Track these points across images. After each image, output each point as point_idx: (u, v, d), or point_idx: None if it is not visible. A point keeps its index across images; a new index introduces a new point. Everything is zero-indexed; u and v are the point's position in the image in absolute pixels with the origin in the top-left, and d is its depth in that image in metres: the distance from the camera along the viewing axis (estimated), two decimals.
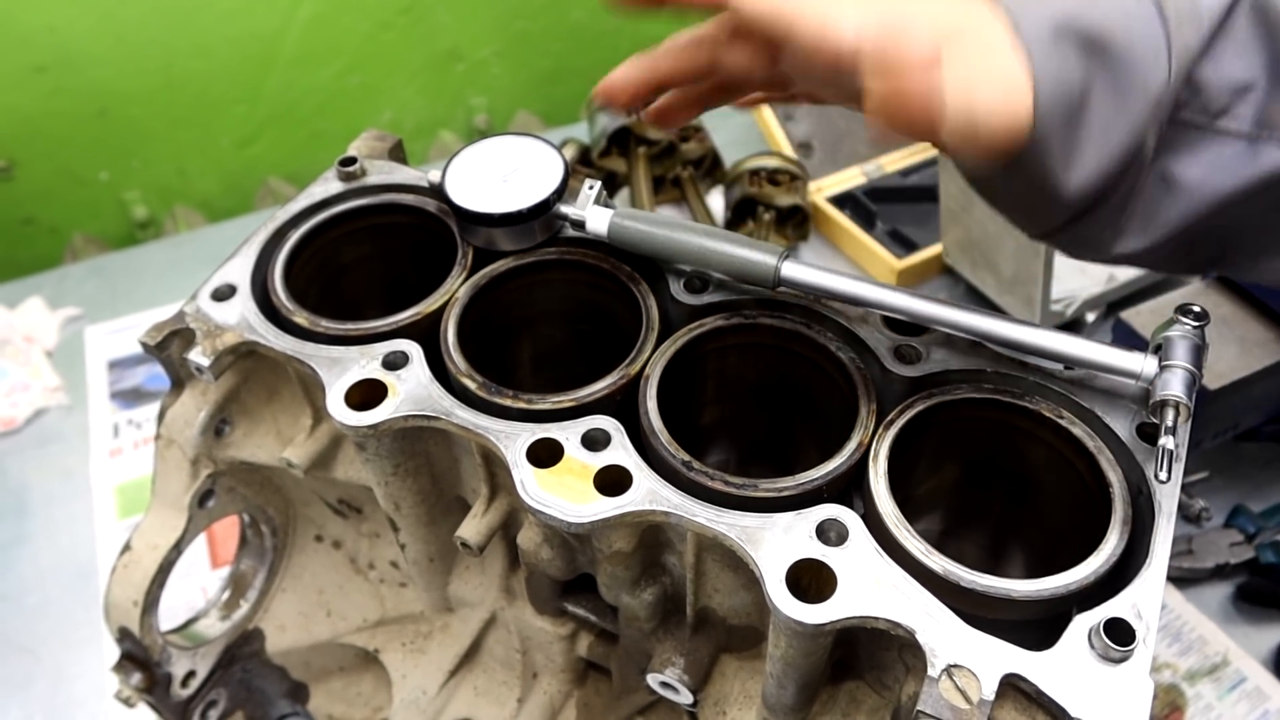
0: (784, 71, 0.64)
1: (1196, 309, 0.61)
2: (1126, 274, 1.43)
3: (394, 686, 0.87)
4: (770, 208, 1.54)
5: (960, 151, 0.58)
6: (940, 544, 0.71)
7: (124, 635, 0.80)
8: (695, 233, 0.70)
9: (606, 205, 0.73)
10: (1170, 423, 0.58)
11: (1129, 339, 1.13)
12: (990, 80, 0.55)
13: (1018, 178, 0.60)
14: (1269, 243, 0.63)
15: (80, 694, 1.10)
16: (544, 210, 0.73)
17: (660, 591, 0.68)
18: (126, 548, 0.79)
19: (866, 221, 1.60)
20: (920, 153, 1.70)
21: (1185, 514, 1.20)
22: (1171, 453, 0.57)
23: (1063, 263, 1.43)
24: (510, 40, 2.21)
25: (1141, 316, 1.14)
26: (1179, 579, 1.15)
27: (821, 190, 1.64)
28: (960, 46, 0.55)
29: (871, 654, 0.65)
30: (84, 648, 1.14)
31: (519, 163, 0.75)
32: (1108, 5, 0.56)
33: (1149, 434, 0.61)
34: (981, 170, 0.63)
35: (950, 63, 0.54)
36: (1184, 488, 1.21)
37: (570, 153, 1.60)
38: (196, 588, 1.18)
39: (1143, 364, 0.60)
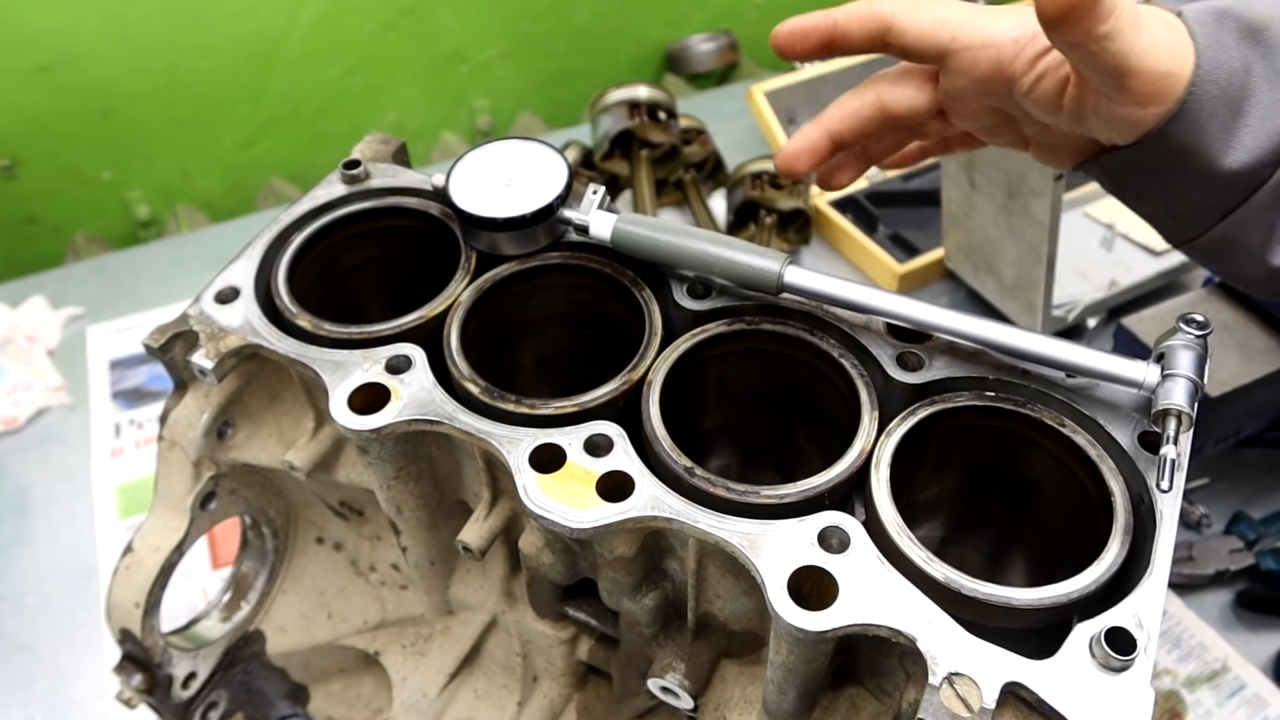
0: (946, 106, 0.69)
1: (1199, 318, 0.61)
2: (1127, 280, 1.43)
3: (394, 689, 0.87)
4: (772, 211, 1.55)
5: (1115, 100, 0.59)
6: (942, 551, 0.71)
7: (125, 637, 0.80)
8: (698, 238, 0.70)
9: (610, 210, 0.74)
10: (1172, 432, 0.58)
11: (1130, 345, 1.13)
12: (1156, 28, 0.58)
13: (1169, 158, 0.61)
14: None
15: (80, 694, 1.10)
16: (547, 215, 0.73)
17: (661, 597, 0.68)
18: (128, 549, 0.79)
19: (868, 226, 1.60)
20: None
21: (1186, 520, 1.20)
22: (1173, 462, 0.57)
23: (1064, 268, 1.44)
24: (514, 42, 2.21)
25: (1143, 323, 1.14)
26: (1179, 585, 1.15)
27: (823, 194, 1.64)
28: (1131, 6, 0.57)
29: (872, 661, 0.65)
30: (85, 647, 1.14)
31: (523, 167, 0.75)
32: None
33: (1151, 443, 0.61)
34: (1128, 154, 0.64)
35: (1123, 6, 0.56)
36: (1185, 494, 1.21)
37: (573, 155, 1.61)
38: (198, 589, 1.18)
39: (1145, 373, 0.60)
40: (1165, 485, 0.57)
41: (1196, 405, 0.59)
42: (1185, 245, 0.69)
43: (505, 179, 0.75)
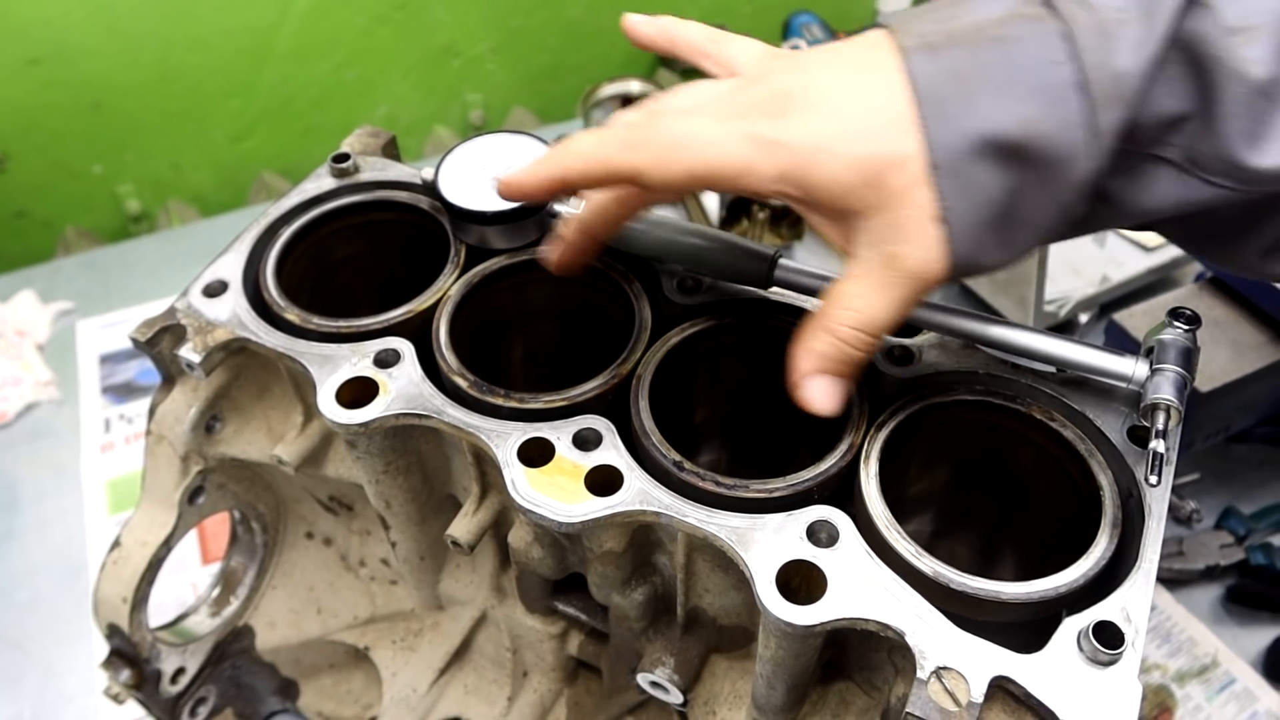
0: None
1: (1188, 312, 0.61)
2: (1119, 275, 1.43)
3: (384, 684, 0.87)
4: (764, 206, 1.54)
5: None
6: (932, 545, 0.71)
7: (113, 632, 0.80)
8: (688, 233, 0.70)
9: None
10: (1161, 426, 0.58)
11: (1122, 340, 1.13)
12: (909, 247, 0.52)
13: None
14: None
15: (70, 689, 1.10)
16: (537, 209, 0.73)
17: (651, 591, 0.68)
18: (116, 544, 0.79)
19: None
20: None
21: (1176, 515, 1.20)
22: (1162, 456, 0.57)
23: (1056, 264, 1.44)
24: (506, 36, 2.20)
25: (1134, 318, 1.14)
26: (1169, 580, 1.15)
27: None
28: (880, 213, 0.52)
29: (861, 655, 0.65)
30: (74, 643, 1.13)
31: (513, 160, 0.75)
32: (1025, 105, 0.49)
33: (1140, 437, 0.61)
34: None
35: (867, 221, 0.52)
36: (1175, 489, 1.22)
37: None
38: (187, 584, 1.18)
39: (1134, 367, 0.60)
40: (1153, 479, 0.57)
41: (1185, 399, 0.59)
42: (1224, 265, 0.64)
43: (495, 172, 0.74)
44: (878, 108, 0.51)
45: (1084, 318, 1.42)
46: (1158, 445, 0.57)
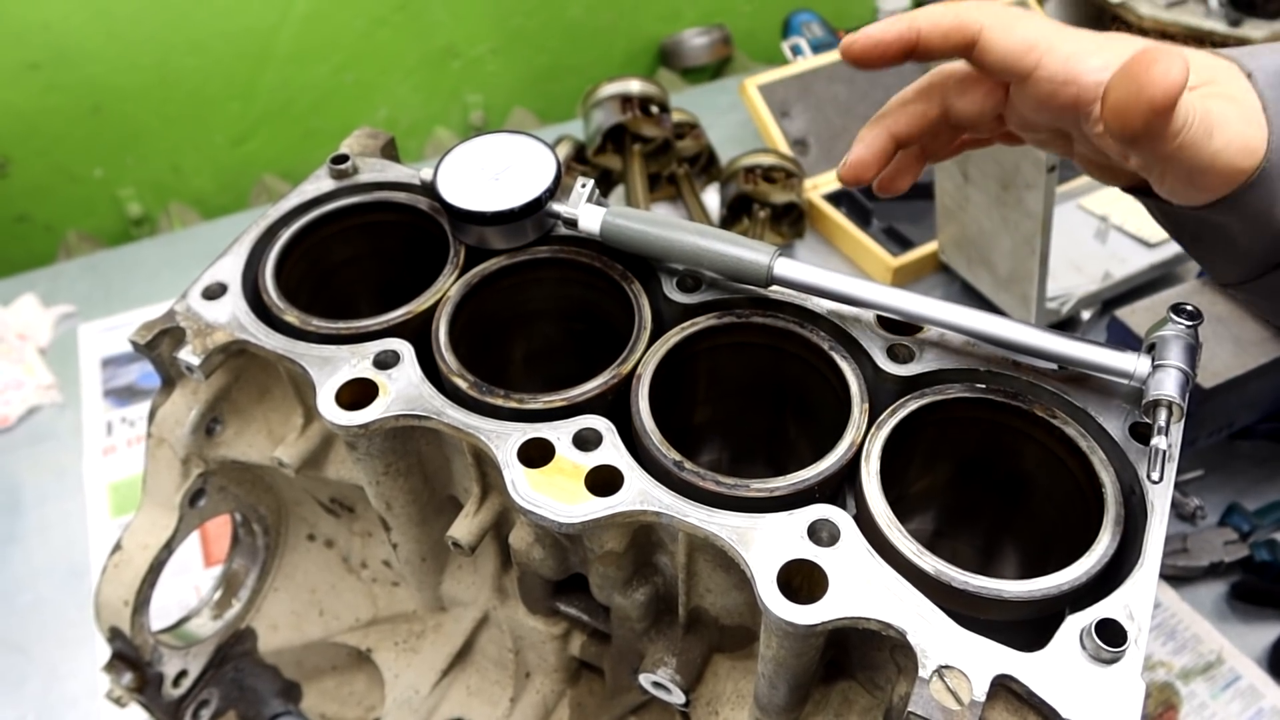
0: (1007, 112, 0.66)
1: (1190, 308, 0.61)
2: (1121, 272, 1.43)
3: (386, 686, 0.87)
4: (765, 205, 1.54)
5: (1183, 184, 0.58)
6: (933, 544, 0.71)
7: (115, 635, 0.80)
8: (688, 231, 0.69)
9: (599, 203, 0.73)
10: (1163, 423, 0.58)
11: (1124, 337, 1.13)
12: (1230, 127, 0.56)
13: (1235, 217, 0.60)
14: None
15: (73, 693, 1.10)
16: (536, 208, 0.72)
17: (652, 591, 0.67)
18: (117, 547, 0.79)
19: (862, 219, 1.60)
20: None
21: (1180, 512, 1.20)
22: (1164, 453, 0.57)
23: (1058, 261, 1.43)
24: (506, 37, 2.21)
25: (1136, 314, 1.13)
26: (1173, 577, 1.15)
27: (817, 187, 1.64)
28: (1208, 87, 0.57)
29: (864, 654, 0.65)
30: (77, 647, 1.13)
31: (511, 160, 0.75)
32: None
33: (1142, 434, 0.61)
34: (1191, 209, 0.62)
35: (1196, 94, 0.55)
36: (1178, 486, 1.21)
37: (565, 150, 1.60)
38: (190, 586, 1.18)
39: (1135, 364, 0.60)
40: (1156, 476, 0.56)
41: (1188, 395, 0.59)
42: (1235, 286, 0.69)
43: (493, 173, 0.74)
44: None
45: (1086, 314, 1.42)
46: (1159, 442, 0.57)
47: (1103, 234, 1.50)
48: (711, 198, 1.67)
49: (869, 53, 0.64)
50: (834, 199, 1.63)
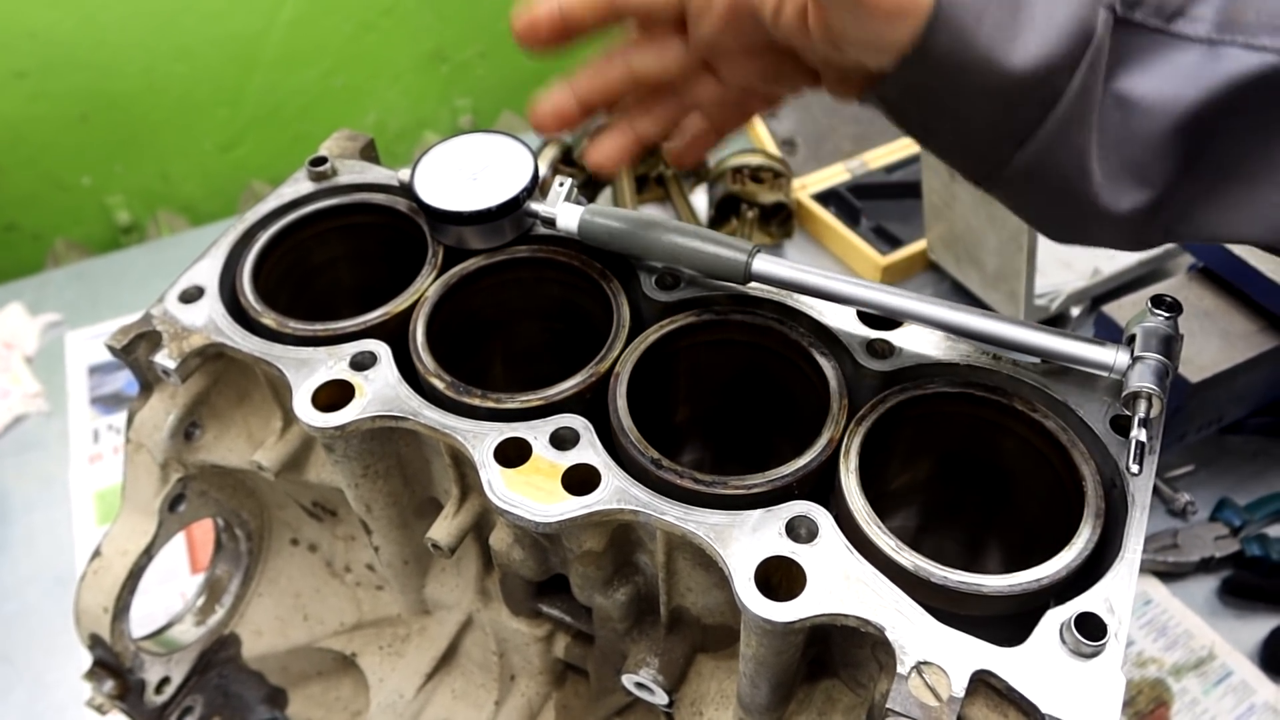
0: (711, 61, 0.65)
1: (1168, 300, 0.60)
2: (1111, 268, 1.43)
3: (371, 690, 0.86)
4: (754, 205, 1.54)
5: (853, 18, 0.52)
6: (917, 540, 0.70)
7: (95, 642, 0.79)
8: (666, 229, 0.69)
9: (577, 202, 0.73)
10: (1143, 414, 0.57)
11: (1112, 333, 1.13)
12: None
13: (941, 77, 0.53)
14: (1252, 169, 0.55)
15: (59, 701, 1.09)
16: (514, 208, 0.72)
17: (633, 591, 0.67)
18: (96, 553, 0.78)
19: (851, 218, 1.60)
20: (905, 149, 1.70)
21: (1170, 508, 1.19)
22: (1143, 445, 0.56)
23: (1046, 257, 1.43)
24: (495, 41, 2.20)
25: (1124, 310, 1.13)
26: (1165, 573, 1.15)
27: (805, 187, 1.64)
28: None
29: (846, 652, 0.64)
30: (62, 655, 1.13)
31: (489, 160, 0.75)
32: None
33: (1123, 426, 0.61)
34: (894, 71, 0.54)
35: None
36: (1169, 481, 1.21)
37: (553, 152, 1.60)
38: (176, 593, 1.17)
39: (1115, 356, 0.60)
40: (1135, 469, 0.56)
41: (1167, 386, 0.58)
42: (988, 184, 0.58)
43: (471, 172, 0.74)
44: None
45: (1075, 311, 1.41)
46: (1139, 434, 0.56)
47: None
48: (700, 199, 1.67)
49: (528, 35, 0.65)
50: (822, 199, 1.62)
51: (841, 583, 0.54)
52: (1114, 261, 1.45)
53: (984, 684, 0.52)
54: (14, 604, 1.19)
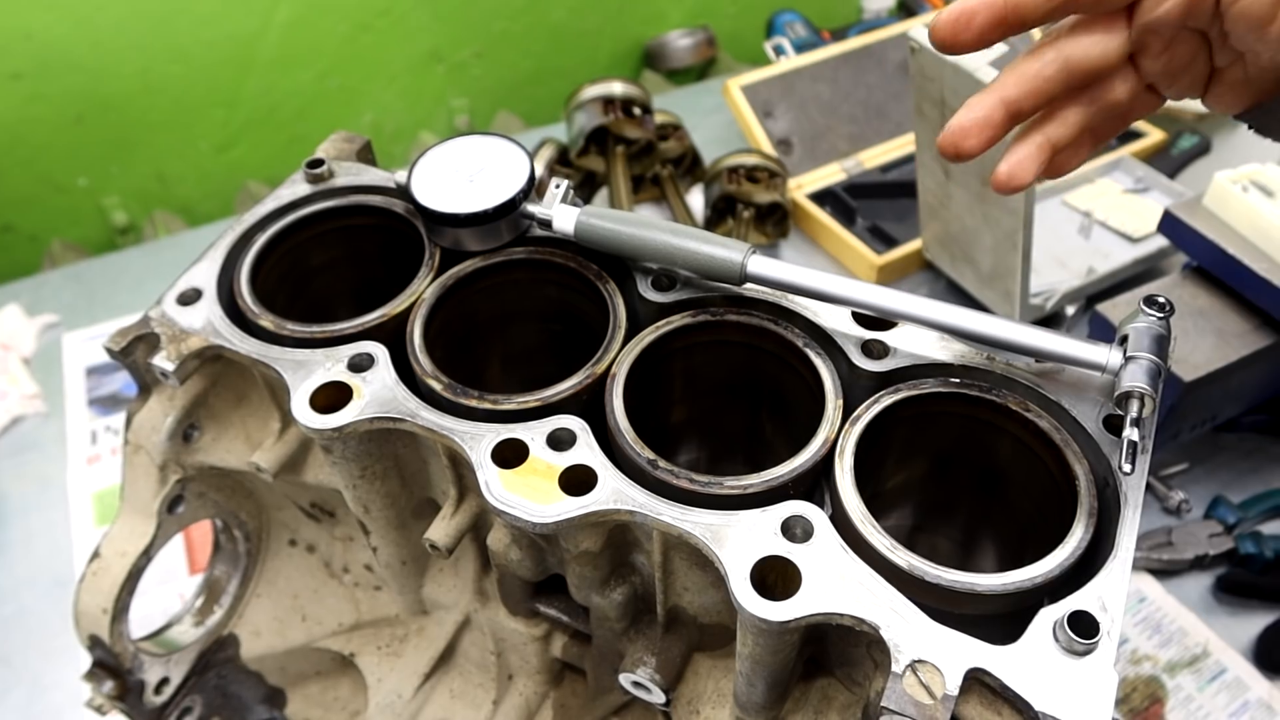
0: (1137, 47, 0.60)
1: (1161, 300, 0.61)
2: (1105, 267, 1.43)
3: (370, 690, 0.87)
4: (750, 205, 1.54)
5: None
6: (912, 540, 0.71)
7: (94, 643, 0.80)
8: (661, 230, 0.69)
9: (574, 204, 0.73)
10: (1135, 414, 0.58)
11: (1106, 332, 1.13)
12: None
13: None
14: None
15: (57, 703, 1.10)
16: (510, 210, 0.72)
17: (630, 591, 0.67)
18: (95, 555, 0.79)
19: (846, 218, 1.60)
20: (900, 148, 1.70)
21: (1165, 506, 1.20)
22: (1136, 444, 0.57)
23: (1042, 257, 1.44)
24: (490, 41, 2.20)
25: (1118, 309, 1.14)
26: (1159, 571, 1.15)
27: (801, 187, 1.64)
28: None
29: (842, 651, 0.64)
30: (61, 657, 1.13)
31: (485, 162, 0.75)
32: None
33: (1115, 426, 0.61)
34: None
35: None
36: (1163, 479, 1.22)
37: (549, 153, 1.60)
38: (174, 594, 1.18)
39: (1108, 356, 0.60)
40: (1127, 468, 0.56)
41: (1160, 386, 0.59)
42: None
43: (468, 174, 0.74)
44: None
45: (1070, 310, 1.42)
46: (1132, 433, 0.57)
47: (1086, 229, 1.50)
48: (696, 199, 1.67)
49: (956, 28, 0.58)
50: (818, 198, 1.63)
51: (837, 582, 0.54)
52: (1108, 260, 1.45)
53: (978, 682, 0.52)
54: (12, 606, 1.19)
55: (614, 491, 0.59)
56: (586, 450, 0.61)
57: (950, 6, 0.58)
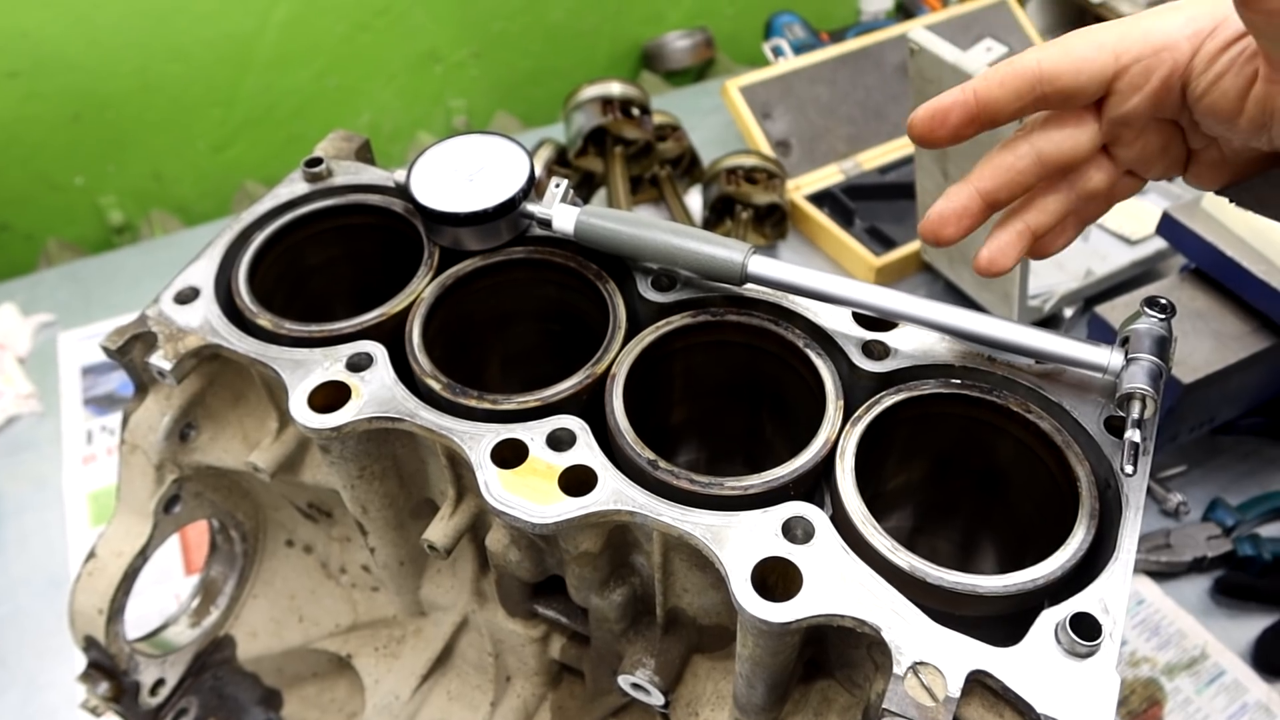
0: (1109, 138, 0.62)
1: (1162, 301, 0.61)
2: (1103, 269, 1.43)
3: (367, 692, 0.86)
4: (748, 206, 1.54)
5: None
6: (913, 541, 0.71)
7: (90, 644, 0.79)
8: (662, 230, 0.69)
9: (574, 203, 0.73)
10: (1136, 415, 0.57)
11: (1104, 334, 1.13)
12: None
13: None
14: None
15: (52, 703, 1.09)
16: (510, 209, 0.72)
17: (629, 592, 0.67)
18: (91, 555, 0.78)
19: (845, 219, 1.60)
20: (899, 150, 1.70)
21: (1163, 508, 1.20)
22: (1138, 445, 0.56)
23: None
24: (489, 41, 2.20)
25: (1116, 311, 1.13)
26: (1157, 573, 1.15)
27: (799, 188, 1.64)
28: None
29: (842, 652, 0.64)
30: (56, 657, 1.13)
31: (485, 161, 0.75)
32: None
33: (1117, 427, 0.61)
34: None
35: None
36: (1161, 482, 1.22)
37: (547, 153, 1.60)
38: (170, 594, 1.17)
39: (1109, 357, 0.60)
40: (1129, 469, 0.56)
41: (1161, 388, 0.59)
42: None
43: (468, 174, 0.74)
44: None
45: (1069, 312, 1.42)
46: (1133, 435, 0.57)
47: (1084, 232, 1.50)
48: (694, 200, 1.67)
49: (931, 125, 0.61)
50: (816, 200, 1.63)
51: (838, 583, 0.54)
52: (1106, 263, 1.45)
53: (980, 684, 0.52)
54: (7, 606, 1.18)
55: (614, 492, 0.59)
56: (586, 450, 0.61)
57: (928, 103, 0.61)
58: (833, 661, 0.66)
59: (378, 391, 0.65)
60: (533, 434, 0.62)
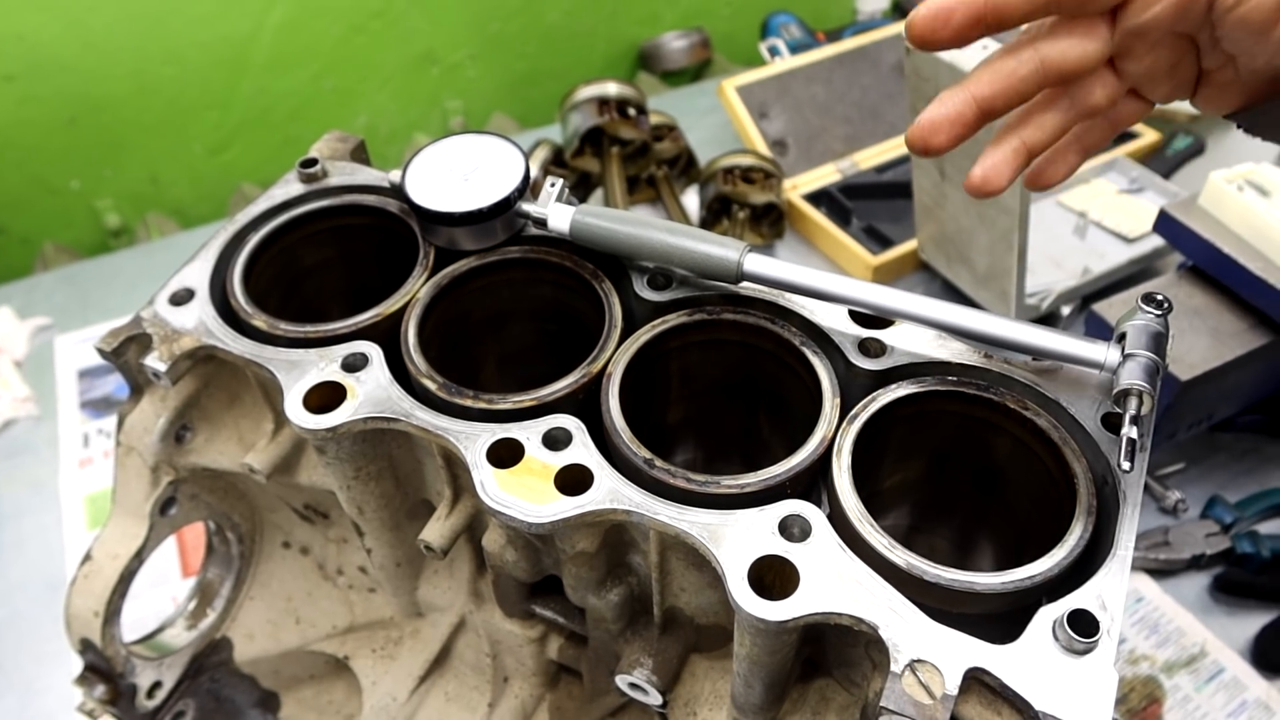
0: (1120, 50, 0.59)
1: (1159, 297, 0.61)
2: (1100, 267, 1.43)
3: (364, 693, 0.86)
4: (745, 205, 1.54)
5: None
6: (910, 539, 0.70)
7: (86, 647, 0.79)
8: (657, 229, 0.69)
9: (569, 202, 0.73)
10: (1134, 411, 0.57)
11: (1102, 331, 1.13)
12: None
13: None
14: None
15: (50, 707, 1.09)
16: (505, 208, 0.72)
17: (626, 592, 0.67)
18: (87, 558, 0.78)
19: (842, 218, 1.60)
20: (895, 149, 1.70)
21: (1161, 505, 1.20)
22: (1135, 442, 0.56)
23: (1038, 257, 1.44)
24: (485, 43, 2.20)
25: (1114, 308, 1.13)
26: (1156, 571, 1.15)
27: (796, 187, 1.64)
28: None
29: (840, 651, 0.64)
30: (53, 661, 1.12)
31: (480, 161, 0.74)
32: None
33: (1114, 424, 0.61)
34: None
35: None
36: (1160, 479, 1.21)
37: (544, 153, 1.60)
38: (167, 597, 1.17)
39: (1106, 353, 0.60)
40: (1126, 466, 0.56)
41: (1158, 384, 0.58)
42: None
43: (463, 173, 0.74)
44: None
45: (1066, 310, 1.42)
46: (1130, 431, 0.57)
47: (1081, 230, 1.50)
48: (691, 200, 1.67)
49: (933, 25, 0.56)
50: (814, 199, 1.63)
51: (835, 581, 0.54)
52: (1104, 260, 1.45)
53: (977, 681, 0.52)
54: (4, 610, 1.18)
55: (610, 491, 0.58)
56: (582, 450, 0.61)
57: (928, 2, 0.56)
58: (830, 660, 0.66)
59: (373, 392, 0.65)
60: (529, 433, 0.62)
